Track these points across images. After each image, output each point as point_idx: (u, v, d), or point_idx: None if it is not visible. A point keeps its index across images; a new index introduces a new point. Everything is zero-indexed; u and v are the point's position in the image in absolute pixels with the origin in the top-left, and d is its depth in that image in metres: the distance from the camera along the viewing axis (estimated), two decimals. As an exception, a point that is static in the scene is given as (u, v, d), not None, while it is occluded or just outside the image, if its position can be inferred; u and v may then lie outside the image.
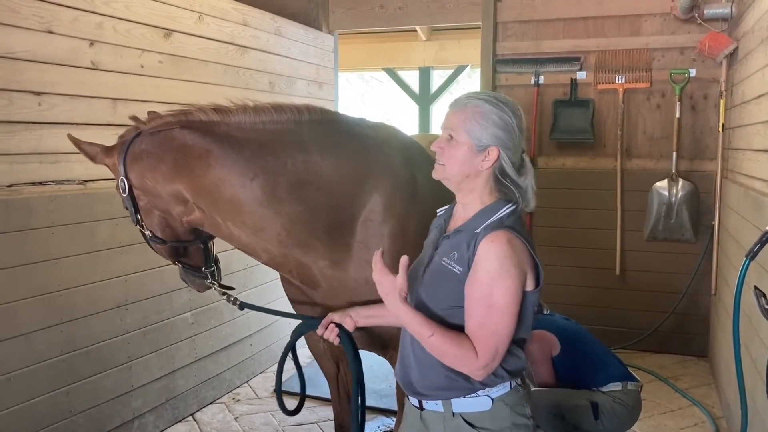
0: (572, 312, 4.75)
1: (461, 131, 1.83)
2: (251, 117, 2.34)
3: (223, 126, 2.33)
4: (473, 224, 1.83)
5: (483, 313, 1.75)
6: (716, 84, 5.08)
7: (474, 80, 11.29)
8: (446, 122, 1.89)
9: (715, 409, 4.29)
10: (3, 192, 2.98)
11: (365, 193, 2.37)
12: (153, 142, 2.33)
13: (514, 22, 5.60)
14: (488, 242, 1.75)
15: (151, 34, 3.77)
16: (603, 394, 3.49)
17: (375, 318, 2.25)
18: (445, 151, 1.85)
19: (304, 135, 2.36)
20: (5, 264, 2.97)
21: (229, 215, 2.31)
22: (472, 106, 1.84)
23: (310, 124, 2.39)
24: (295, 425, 4.09)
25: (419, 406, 1.95)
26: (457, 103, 1.89)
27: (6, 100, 2.96)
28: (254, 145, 2.29)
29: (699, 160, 5.24)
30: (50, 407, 3.21)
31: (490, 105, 1.84)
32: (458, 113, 1.86)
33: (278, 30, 5.06)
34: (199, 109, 2.36)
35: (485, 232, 1.78)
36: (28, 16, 3.03)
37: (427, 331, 1.77)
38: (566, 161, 5.59)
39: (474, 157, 1.83)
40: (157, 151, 2.31)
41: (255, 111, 2.35)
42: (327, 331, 2.25)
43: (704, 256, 5.16)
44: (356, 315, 2.24)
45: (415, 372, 1.92)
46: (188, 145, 2.28)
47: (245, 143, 2.29)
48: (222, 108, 2.37)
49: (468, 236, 1.81)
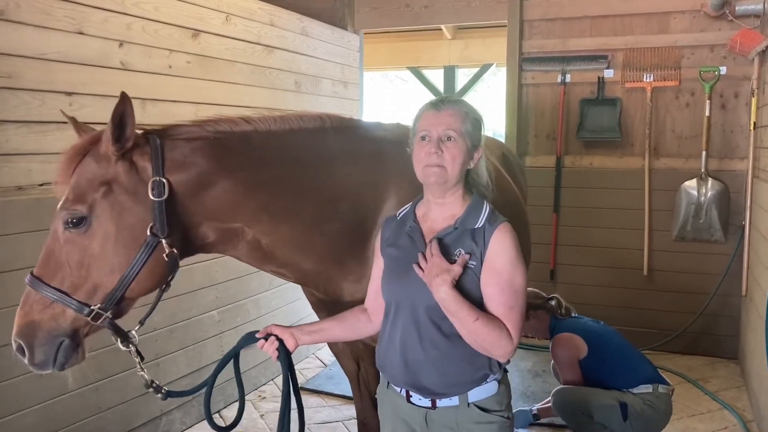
0: (599, 312, 4.72)
1: (461, 132, 1.89)
2: (279, 126, 2.24)
3: (260, 139, 2.19)
4: (468, 221, 1.92)
5: (511, 297, 1.86)
6: (747, 82, 4.99)
7: (499, 79, 11.23)
8: (440, 123, 1.90)
9: (746, 413, 4.22)
10: (35, 191, 3.03)
11: (384, 202, 2.35)
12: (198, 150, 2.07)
13: (540, 20, 5.57)
14: (502, 233, 1.87)
15: (179, 34, 3.81)
16: (633, 395, 3.46)
17: (318, 333, 2.17)
18: (446, 153, 1.88)
19: (332, 146, 2.32)
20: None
21: (275, 233, 2.19)
22: (462, 108, 1.94)
23: (334, 133, 2.35)
24: (320, 424, 4.11)
25: (431, 406, 1.96)
26: (447, 103, 1.95)
27: (39, 100, 3.02)
28: (292, 159, 2.22)
29: (729, 159, 5.16)
30: (80, 403, 3.26)
31: (470, 107, 1.97)
32: (453, 114, 1.91)
33: (304, 30, 5.09)
34: (230, 119, 2.18)
35: (491, 226, 1.88)
36: (60, 18, 3.09)
37: (473, 315, 1.82)
38: (593, 160, 5.54)
39: (468, 156, 1.92)
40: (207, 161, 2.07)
41: (282, 121, 2.26)
42: (267, 344, 2.10)
43: (735, 257, 5.08)
44: (299, 332, 2.12)
45: (430, 374, 1.93)
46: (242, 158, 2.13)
47: (285, 156, 2.21)
48: (251, 119, 2.23)
49: (469, 233, 1.89)
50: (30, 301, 1.97)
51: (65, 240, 1.95)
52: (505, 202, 2.17)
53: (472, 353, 1.90)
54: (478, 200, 1.97)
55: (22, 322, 1.96)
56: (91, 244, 1.95)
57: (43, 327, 1.94)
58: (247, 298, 4.48)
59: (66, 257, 1.95)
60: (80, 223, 1.94)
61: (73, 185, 1.97)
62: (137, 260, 1.96)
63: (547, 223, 5.61)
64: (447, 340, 1.90)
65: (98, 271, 1.95)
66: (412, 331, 1.93)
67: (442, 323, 1.89)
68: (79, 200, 1.94)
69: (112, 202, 1.96)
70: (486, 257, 1.86)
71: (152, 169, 1.99)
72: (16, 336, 1.96)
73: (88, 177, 1.97)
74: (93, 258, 1.95)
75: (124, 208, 1.97)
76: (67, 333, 1.96)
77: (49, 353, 1.96)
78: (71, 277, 1.95)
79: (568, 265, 5.64)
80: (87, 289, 1.95)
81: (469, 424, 1.94)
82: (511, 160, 4.02)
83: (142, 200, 1.97)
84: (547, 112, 5.64)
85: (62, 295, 1.93)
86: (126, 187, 1.98)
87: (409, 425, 2.03)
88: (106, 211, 1.95)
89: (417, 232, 1.99)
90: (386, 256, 2.04)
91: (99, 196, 1.96)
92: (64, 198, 1.98)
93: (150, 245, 1.97)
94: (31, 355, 1.96)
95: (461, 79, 9.49)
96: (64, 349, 1.97)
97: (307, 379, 4.82)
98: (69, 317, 1.95)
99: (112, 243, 1.95)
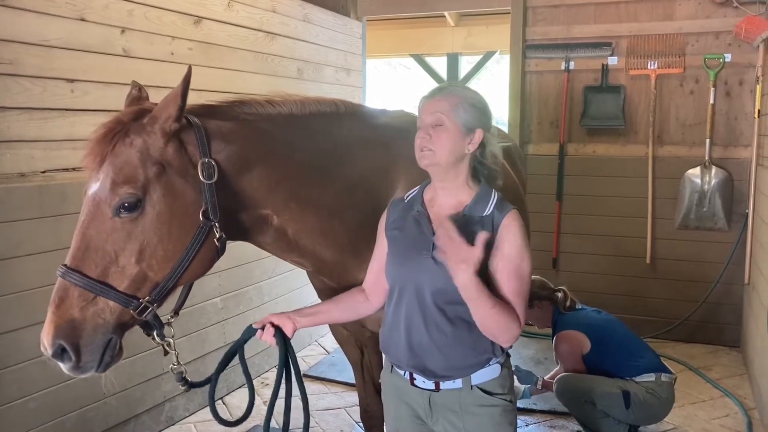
0: (602, 300, 4.72)
1: (450, 116, 1.91)
2: (300, 110, 2.19)
3: (285, 122, 2.15)
4: (477, 209, 1.93)
5: (518, 283, 1.89)
6: (752, 69, 4.96)
7: (503, 66, 11.18)
8: (431, 108, 1.93)
9: (748, 400, 4.23)
10: (38, 178, 3.03)
11: (394, 189, 2.34)
12: (235, 132, 2.02)
13: (544, 6, 5.53)
14: (511, 220, 1.90)
15: (181, 21, 3.79)
16: (636, 384, 3.47)
17: (318, 315, 2.16)
18: (434, 136, 1.90)
19: (347, 132, 2.30)
20: (40, 249, 3.03)
21: (301, 221, 2.15)
22: (456, 94, 1.95)
23: (348, 118, 2.33)
24: (323, 410, 4.13)
25: (435, 388, 1.98)
26: (440, 90, 1.98)
27: (41, 87, 3.01)
28: (317, 145, 2.19)
29: (733, 147, 5.14)
30: (84, 389, 3.28)
31: (470, 92, 1.99)
32: (443, 100, 1.93)
33: (307, 16, 5.06)
34: (255, 101, 2.12)
35: (501, 213, 1.91)
36: (62, 5, 3.07)
37: (491, 302, 1.82)
38: (597, 148, 5.52)
39: (462, 140, 1.92)
40: (244, 144, 2.02)
41: (302, 105, 2.21)
42: (264, 333, 2.07)
43: (738, 245, 5.07)
44: (296, 315, 2.10)
45: (435, 357, 1.94)
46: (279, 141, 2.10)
47: (310, 141, 2.18)
48: (274, 101, 2.17)
49: (478, 220, 1.91)
50: (68, 297, 1.77)
51: (112, 226, 1.79)
52: (504, 188, 2.15)
53: (476, 337, 1.92)
54: (486, 188, 1.99)
55: (60, 321, 1.76)
56: (143, 230, 1.81)
57: (87, 325, 1.78)
58: (250, 286, 4.48)
59: (111, 246, 1.79)
60: (134, 207, 1.79)
61: (120, 165, 1.81)
62: (191, 246, 1.87)
63: (550, 211, 5.60)
64: (451, 324, 1.92)
65: (150, 259, 1.82)
66: (417, 315, 1.94)
67: (447, 307, 1.91)
68: (130, 182, 1.79)
69: (166, 183, 1.84)
70: (495, 244, 1.88)
71: (200, 150, 1.91)
72: (55, 337, 1.75)
73: (139, 156, 1.82)
74: (145, 246, 1.81)
75: (177, 190, 1.86)
76: (114, 330, 1.82)
77: (96, 354, 1.81)
78: (116, 267, 1.80)
79: (570, 253, 5.64)
80: (135, 280, 1.82)
81: (472, 407, 1.96)
82: (511, 148, 4.00)
83: (191, 182, 1.88)
84: (551, 100, 5.61)
85: (107, 288, 1.78)
86: (177, 167, 1.87)
87: (413, 408, 2.05)
88: (159, 194, 1.83)
89: (424, 217, 1.99)
90: (391, 239, 2.05)
91: (152, 177, 1.83)
92: (107, 180, 1.80)
93: (203, 230, 1.89)
94: (77, 357, 1.78)
95: (464, 66, 9.45)
96: (111, 348, 1.83)
97: (310, 366, 4.83)
98: (115, 312, 1.81)
99: (166, 228, 1.83)
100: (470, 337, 1.92)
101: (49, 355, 1.77)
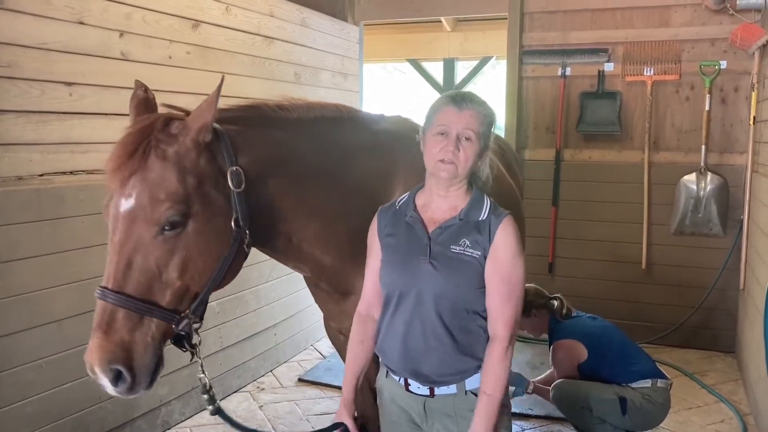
0: (597, 306, 4.73)
1: (479, 134, 1.91)
2: (305, 114, 2.20)
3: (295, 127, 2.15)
4: (472, 214, 1.95)
5: (509, 288, 1.91)
6: (748, 76, 4.99)
7: (499, 71, 11.21)
8: (461, 122, 1.90)
9: (743, 406, 4.24)
10: (35, 181, 3.03)
11: (393, 196, 2.32)
12: (254, 138, 2.03)
13: (541, 12, 5.55)
14: (506, 226, 1.92)
15: (179, 24, 3.79)
16: (632, 390, 3.48)
17: (359, 375, 2.15)
18: (462, 152, 1.89)
19: (350, 138, 2.29)
20: (37, 252, 3.02)
21: (307, 228, 2.16)
22: (483, 109, 1.94)
23: (351, 124, 2.33)
24: (318, 415, 4.12)
25: (429, 394, 1.99)
26: (469, 102, 1.93)
27: (39, 90, 3.01)
28: (323, 151, 2.18)
29: (729, 153, 5.16)
30: (80, 393, 3.27)
31: (489, 108, 1.97)
32: (475, 116, 1.91)
33: (304, 21, 5.07)
34: (266, 105, 2.14)
35: (496, 218, 1.93)
36: (60, 7, 3.07)
37: (499, 392, 1.91)
38: (592, 154, 5.54)
39: (479, 157, 1.94)
40: (263, 150, 2.03)
41: (308, 109, 2.21)
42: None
43: (733, 251, 5.09)
44: (349, 402, 2.13)
45: (430, 362, 1.95)
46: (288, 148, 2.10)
47: (317, 147, 2.18)
48: (283, 105, 2.19)
49: (474, 224, 1.93)
50: (115, 319, 1.74)
51: (155, 243, 1.75)
52: (499, 192, 2.16)
53: (470, 343, 1.94)
54: (479, 193, 2.01)
55: (111, 345, 1.72)
56: (185, 243, 1.79)
57: (138, 346, 1.75)
58: (247, 290, 4.48)
59: (155, 263, 1.76)
60: (178, 223, 1.77)
61: (157, 180, 1.76)
62: (228, 254, 1.88)
63: (546, 216, 5.61)
64: (448, 330, 1.92)
65: (192, 272, 1.81)
66: (416, 320, 1.95)
67: (446, 313, 1.92)
68: (172, 197, 1.76)
69: (202, 195, 1.83)
70: (491, 248, 1.90)
71: (227, 158, 1.90)
72: (110, 363, 1.71)
73: (177, 170, 1.79)
74: (187, 259, 1.79)
75: (212, 200, 1.85)
76: (162, 346, 1.82)
77: (149, 373, 1.80)
78: (159, 284, 1.77)
79: (566, 259, 5.65)
80: (177, 294, 1.80)
81: (467, 412, 1.96)
82: (507, 153, 4.02)
83: (222, 191, 1.89)
84: (547, 106, 5.63)
85: (152, 307, 1.76)
86: (210, 178, 1.86)
87: (408, 414, 2.05)
88: (198, 206, 1.81)
89: (418, 222, 1.99)
90: (385, 246, 2.04)
91: (192, 189, 1.80)
92: (144, 196, 1.75)
93: (237, 238, 1.89)
94: (133, 379, 1.75)
95: (461, 71, 9.47)
96: (161, 365, 1.82)
97: (306, 370, 4.83)
98: (161, 330, 1.79)
99: (205, 239, 1.83)
100: (465, 342, 1.93)
101: (104, 380, 1.74)
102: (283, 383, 4.61)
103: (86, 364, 1.74)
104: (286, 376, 4.72)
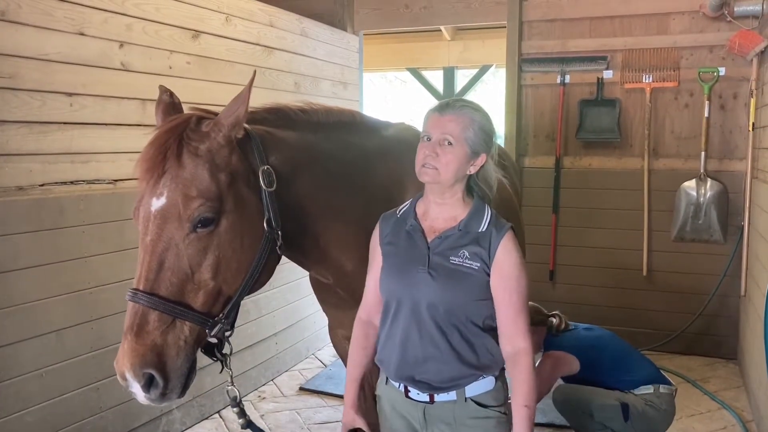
0: (598, 313, 4.73)
1: (460, 138, 1.89)
2: (326, 118, 2.20)
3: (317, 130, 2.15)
4: (472, 224, 1.94)
5: (519, 300, 1.92)
6: (746, 82, 5.01)
7: (498, 80, 11.24)
8: (441, 125, 1.91)
9: (745, 413, 4.23)
10: (35, 191, 3.04)
11: (405, 201, 2.36)
12: (282, 140, 2.02)
13: (539, 21, 5.58)
14: (509, 239, 1.93)
15: (179, 35, 3.81)
16: (634, 396, 3.46)
17: (361, 378, 2.15)
18: (440, 155, 1.89)
19: (366, 143, 2.30)
20: (37, 262, 3.03)
21: (333, 231, 2.16)
22: (467, 114, 1.92)
23: (365, 129, 2.34)
24: (320, 424, 4.11)
25: (429, 400, 1.99)
26: (451, 108, 1.94)
27: (39, 101, 3.02)
28: (345, 155, 2.19)
29: (728, 159, 5.17)
30: (81, 403, 3.27)
31: (480, 114, 1.95)
32: (455, 120, 1.91)
33: (304, 31, 5.09)
34: (288, 107, 2.14)
35: (498, 232, 1.92)
36: (61, 19, 3.09)
37: (535, 402, 1.93)
38: (592, 161, 5.55)
39: (466, 162, 1.92)
40: (290, 151, 2.03)
41: (327, 113, 2.22)
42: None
43: (733, 257, 5.09)
44: (356, 406, 2.13)
45: (429, 370, 1.96)
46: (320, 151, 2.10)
47: (339, 151, 2.18)
48: (304, 109, 2.19)
49: (474, 235, 1.92)
50: (147, 322, 1.69)
51: (188, 242, 1.72)
52: (499, 200, 2.16)
53: (470, 350, 1.93)
54: (479, 204, 2.00)
55: (143, 349, 1.67)
56: (219, 242, 1.76)
57: (170, 350, 1.71)
58: (248, 299, 4.46)
59: (187, 263, 1.72)
60: (212, 221, 1.73)
61: (189, 178, 1.74)
62: (261, 256, 1.85)
63: (547, 223, 5.62)
64: (447, 338, 1.92)
65: (225, 273, 1.77)
66: (413, 328, 1.95)
67: (443, 321, 1.92)
68: (205, 194, 1.73)
69: (235, 193, 1.80)
70: (494, 263, 1.90)
71: (257, 157, 1.88)
72: (142, 367, 1.66)
73: (209, 167, 1.77)
74: (221, 259, 1.76)
75: (245, 199, 1.83)
76: (195, 351, 1.77)
77: (182, 378, 1.75)
78: (192, 285, 1.73)
79: (567, 266, 5.64)
80: (210, 296, 1.76)
81: (467, 419, 1.96)
82: (506, 161, 4.02)
83: (254, 190, 1.86)
84: (547, 113, 5.64)
85: (185, 309, 1.72)
86: (242, 176, 1.84)
87: (408, 421, 2.05)
88: (231, 204, 1.78)
89: (418, 231, 2.00)
90: (385, 254, 2.05)
91: (224, 187, 1.78)
92: (176, 194, 1.72)
93: (269, 239, 1.86)
94: (165, 384, 1.71)
95: (461, 80, 9.49)
96: (194, 370, 1.77)
97: (307, 379, 4.82)
98: (194, 333, 1.75)
99: (239, 239, 1.79)
100: (464, 351, 1.93)
101: (135, 385, 1.70)
102: (284, 392, 4.61)
103: (116, 371, 1.70)
104: (287, 385, 4.72)
